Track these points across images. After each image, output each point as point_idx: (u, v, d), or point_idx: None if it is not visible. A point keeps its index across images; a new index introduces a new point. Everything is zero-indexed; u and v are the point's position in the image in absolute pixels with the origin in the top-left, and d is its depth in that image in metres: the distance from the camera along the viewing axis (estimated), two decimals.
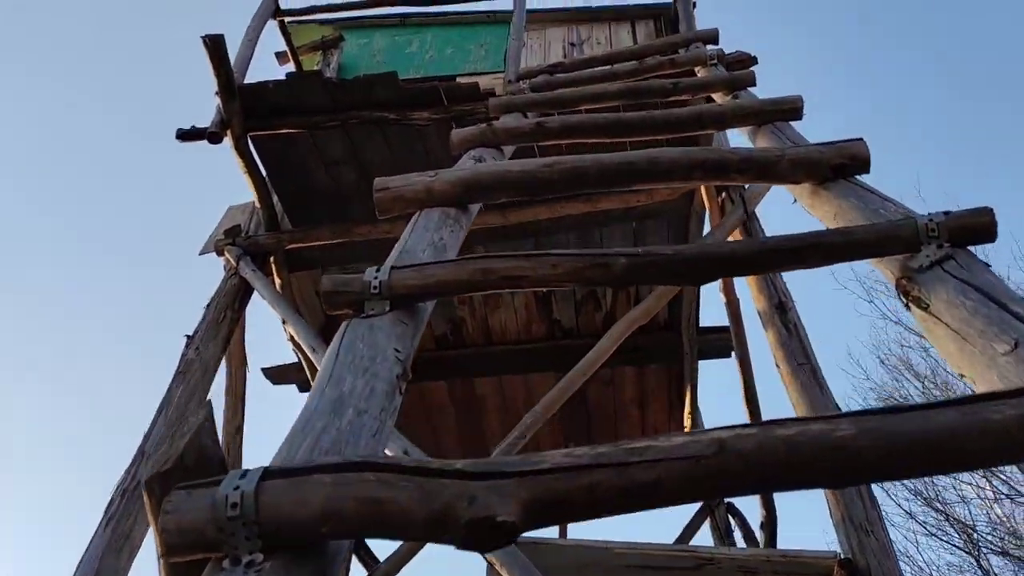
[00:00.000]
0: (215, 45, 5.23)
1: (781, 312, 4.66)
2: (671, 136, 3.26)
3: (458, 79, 7.70)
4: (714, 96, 3.86)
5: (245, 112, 5.51)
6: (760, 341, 6.14)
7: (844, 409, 4.63)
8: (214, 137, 5.47)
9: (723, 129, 3.32)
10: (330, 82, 5.42)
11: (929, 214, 1.74)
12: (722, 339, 6.63)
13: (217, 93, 5.43)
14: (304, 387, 6.92)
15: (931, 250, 1.67)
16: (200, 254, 6.38)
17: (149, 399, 5.34)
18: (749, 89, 3.80)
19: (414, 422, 7.37)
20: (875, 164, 2.33)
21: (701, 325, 6.59)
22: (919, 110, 21.79)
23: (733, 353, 6.39)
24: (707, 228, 5.80)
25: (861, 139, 2.35)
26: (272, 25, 7.45)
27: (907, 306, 1.66)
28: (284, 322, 5.49)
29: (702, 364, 6.71)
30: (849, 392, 15.85)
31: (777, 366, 4.57)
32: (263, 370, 7.01)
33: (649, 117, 3.14)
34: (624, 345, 6.78)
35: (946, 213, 1.72)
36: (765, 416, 5.87)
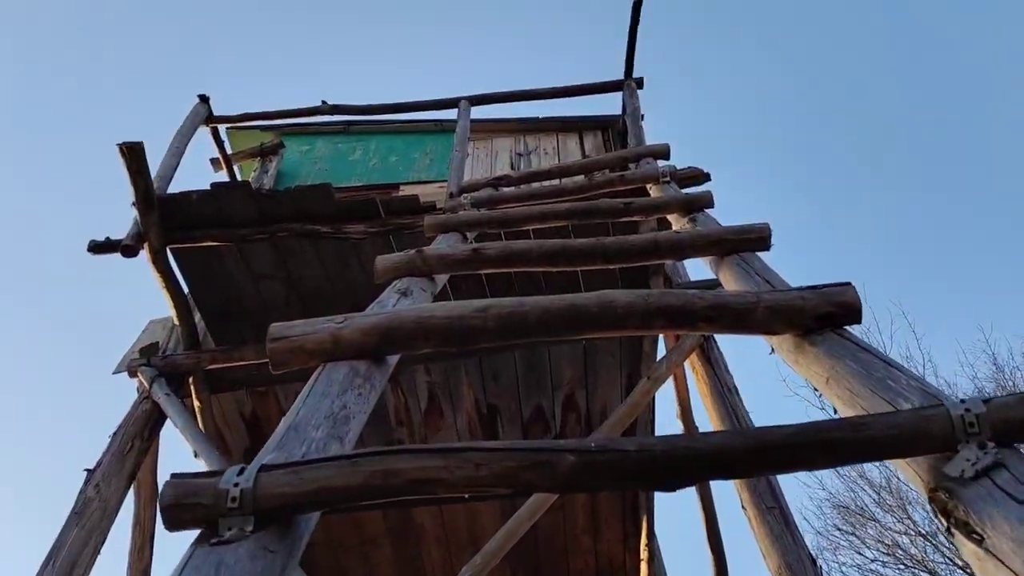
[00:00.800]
0: (132, 153, 4.79)
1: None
2: (624, 265, 2.87)
3: (402, 188, 7.37)
4: (669, 218, 3.52)
5: (165, 224, 5.04)
6: None
7: (812, 553, 4.18)
8: (128, 251, 4.97)
9: (681, 259, 2.96)
10: (258, 193, 4.99)
11: (963, 401, 1.33)
12: None
13: (134, 204, 4.96)
14: None
15: (972, 452, 1.25)
16: (113, 373, 5.77)
17: (44, 543, 4.66)
18: (707, 211, 3.46)
19: (346, 555, 6.68)
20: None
21: None
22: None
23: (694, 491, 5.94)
24: (661, 348, 5.40)
25: (850, 284, 1.97)
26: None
27: (949, 531, 1.23)
28: (196, 455, 4.88)
29: (658, 497, 6.22)
30: (805, 502, 15.41)
31: (743, 508, 4.11)
32: None
33: (600, 245, 2.75)
34: None
35: (985, 401, 1.32)
36: (729, 553, 5.36)
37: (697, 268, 6.02)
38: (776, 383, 17.06)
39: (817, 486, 14.82)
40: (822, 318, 1.92)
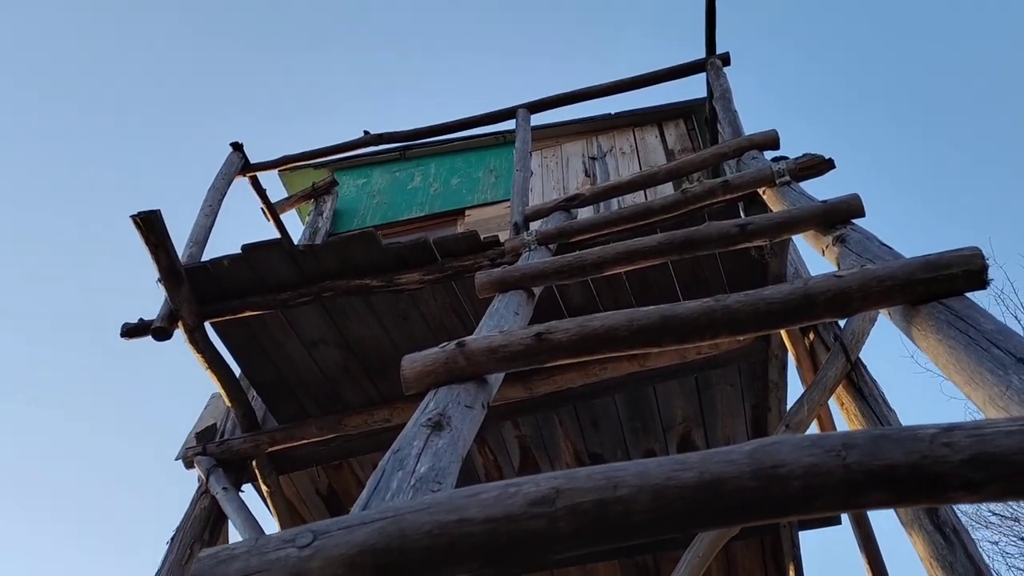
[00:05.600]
0: (148, 224, 4.10)
1: (930, 511, 3.18)
2: (756, 333, 1.91)
3: (467, 213, 6.54)
4: (806, 240, 2.54)
5: (199, 296, 4.35)
6: None
7: None
8: (160, 333, 4.29)
9: (848, 316, 1.99)
10: (295, 250, 4.23)
11: None
12: None
13: (159, 280, 4.28)
14: None
15: None
16: (176, 460, 5.14)
17: None
18: (855, 222, 2.46)
19: None
20: None
21: None
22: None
23: (846, 518, 4.90)
24: (792, 376, 4.38)
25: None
26: (270, 176, 6.43)
27: None
28: None
29: (805, 535, 5.17)
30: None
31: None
32: None
33: (720, 309, 1.81)
34: None
35: None
36: None
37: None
38: (900, 357, 15.43)
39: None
40: None
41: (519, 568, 1.15)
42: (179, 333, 4.39)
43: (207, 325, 4.46)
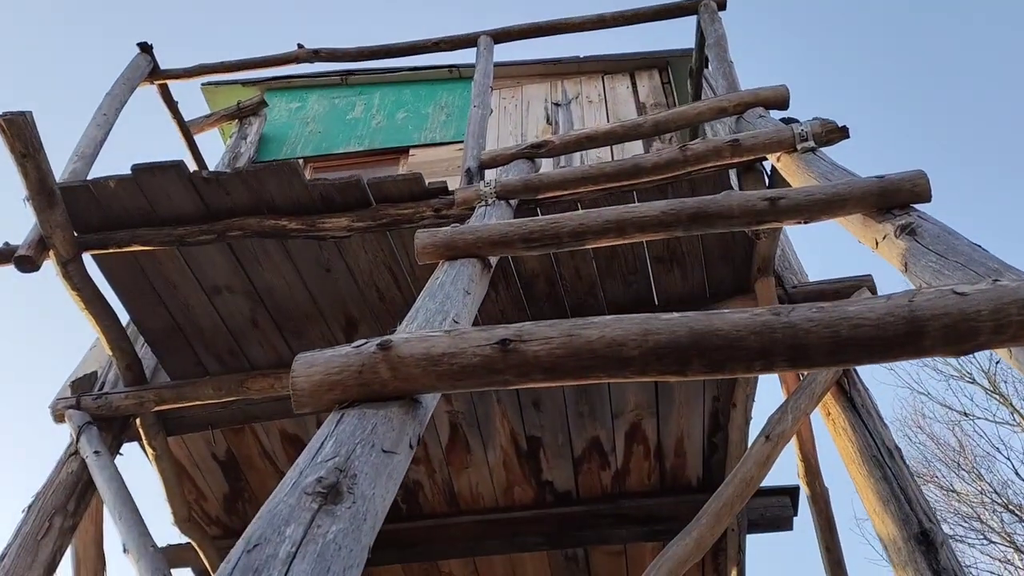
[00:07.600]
0: (15, 128, 3.28)
1: (926, 548, 2.69)
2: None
3: (412, 152, 5.79)
4: (846, 225, 1.93)
5: (78, 223, 3.57)
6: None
7: None
8: (24, 263, 3.50)
9: (967, 353, 1.40)
10: (197, 177, 3.46)
11: None
12: (779, 504, 4.66)
13: (27, 199, 3.48)
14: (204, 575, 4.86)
15: None
16: (49, 408, 4.37)
17: None
18: (919, 208, 1.87)
19: None
20: None
21: None
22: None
23: (799, 522, 4.47)
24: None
25: None
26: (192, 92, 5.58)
27: None
28: (124, 549, 3.45)
29: (753, 538, 4.71)
30: None
31: None
32: None
33: (783, 328, 1.20)
34: (635, 512, 4.81)
35: None
36: None
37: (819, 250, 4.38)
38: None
39: None
40: None
41: None
42: (51, 264, 3.61)
43: (87, 257, 3.68)
